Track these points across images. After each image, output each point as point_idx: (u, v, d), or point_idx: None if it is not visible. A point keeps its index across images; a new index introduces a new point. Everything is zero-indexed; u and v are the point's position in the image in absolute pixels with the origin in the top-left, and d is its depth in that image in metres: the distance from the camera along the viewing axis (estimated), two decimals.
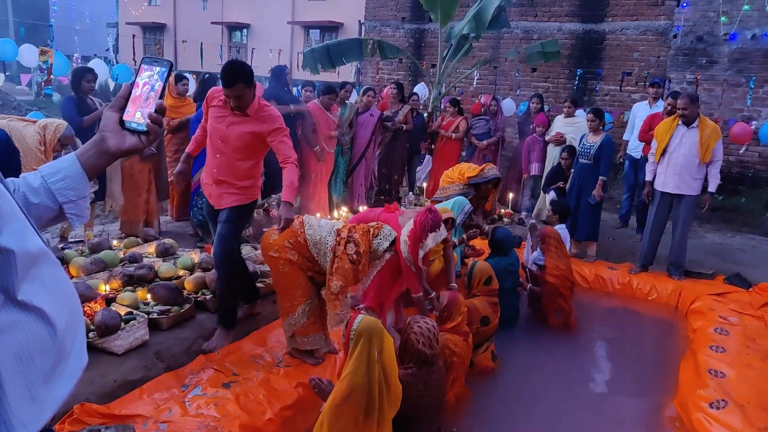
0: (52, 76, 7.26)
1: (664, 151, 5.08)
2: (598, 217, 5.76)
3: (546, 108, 8.00)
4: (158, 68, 1.18)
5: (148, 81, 1.18)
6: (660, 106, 6.17)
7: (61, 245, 4.70)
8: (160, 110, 1.16)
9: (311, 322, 3.28)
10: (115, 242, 4.46)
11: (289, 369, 3.25)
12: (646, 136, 5.91)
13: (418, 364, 2.68)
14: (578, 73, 10.12)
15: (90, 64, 6.78)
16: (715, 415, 3.02)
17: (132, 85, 1.17)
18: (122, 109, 1.15)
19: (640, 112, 6.61)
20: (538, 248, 4.68)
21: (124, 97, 1.16)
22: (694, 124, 4.93)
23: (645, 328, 4.84)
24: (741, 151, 8.24)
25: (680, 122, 4.99)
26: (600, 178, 5.52)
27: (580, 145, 5.79)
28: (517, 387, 3.59)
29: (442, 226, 3.51)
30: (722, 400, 3.14)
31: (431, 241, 3.43)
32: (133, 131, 1.15)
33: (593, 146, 5.60)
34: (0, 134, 2.21)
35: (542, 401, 3.43)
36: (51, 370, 0.95)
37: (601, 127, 5.74)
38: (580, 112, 7.24)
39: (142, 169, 5.16)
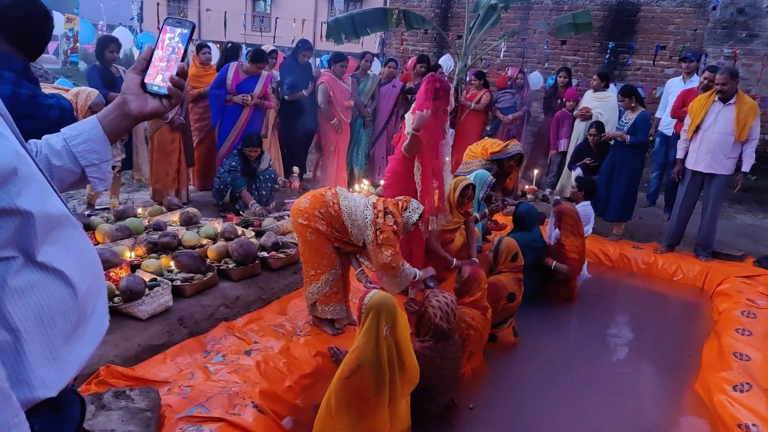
0: (78, 44, 7.29)
1: (698, 128, 4.91)
2: (633, 198, 5.62)
3: (575, 82, 7.79)
4: (180, 30, 1.16)
5: (170, 43, 1.15)
6: (695, 82, 5.95)
7: (88, 212, 4.78)
8: (182, 73, 1.13)
9: (333, 292, 3.30)
10: (140, 210, 4.51)
11: (309, 338, 3.29)
12: (679, 113, 5.72)
13: (435, 338, 2.69)
14: (610, 46, 9.79)
15: (114, 33, 6.80)
16: (738, 398, 2.97)
17: (154, 47, 1.15)
18: (144, 71, 1.13)
19: (674, 88, 6.40)
20: (552, 223, 4.63)
21: (146, 59, 1.13)
22: (732, 101, 4.74)
23: (668, 309, 4.76)
24: None
25: (717, 98, 4.80)
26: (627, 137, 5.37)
27: (619, 123, 5.65)
28: (536, 363, 3.58)
29: (451, 94, 3.80)
30: (746, 383, 3.08)
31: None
32: (154, 94, 1.13)
33: (628, 123, 5.46)
34: (66, 104, 2.22)
35: (561, 378, 3.41)
36: (72, 331, 0.96)
37: (633, 105, 5.52)
38: (612, 87, 7.03)
39: (173, 138, 5.21)
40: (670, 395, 3.37)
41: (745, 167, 4.88)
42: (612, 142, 5.67)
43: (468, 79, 7.85)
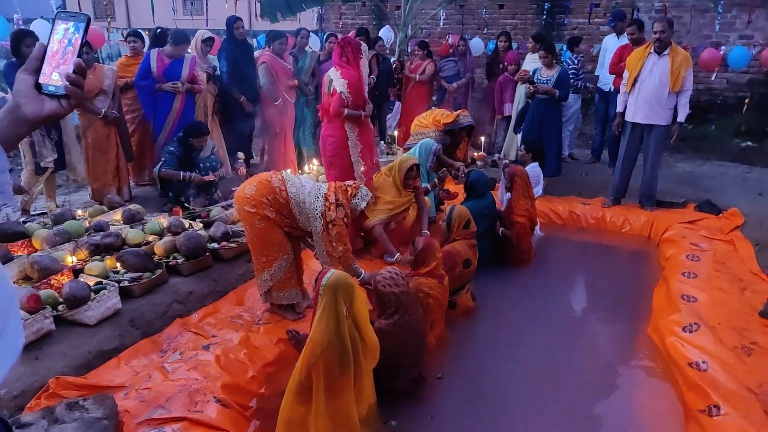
0: None
1: (635, 81, 5.03)
2: (560, 152, 6.03)
3: (515, 46, 7.83)
4: (74, 23, 1.05)
5: (64, 37, 1.04)
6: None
7: (23, 218, 4.52)
8: (79, 70, 1.03)
9: (287, 277, 3.24)
10: (79, 212, 4.31)
11: (269, 326, 3.23)
12: (616, 68, 5.85)
13: (396, 310, 2.68)
14: (546, 7, 9.88)
15: (32, 26, 6.36)
16: (688, 338, 3.11)
17: (47, 43, 1.04)
18: (37, 71, 1.02)
19: (610, 44, 6.51)
20: (504, 187, 4.69)
21: (38, 57, 1.02)
22: (666, 52, 4.87)
23: (619, 260, 4.93)
24: (712, 79, 8.22)
25: (652, 50, 4.92)
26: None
27: (535, 79, 5.75)
28: (498, 326, 3.64)
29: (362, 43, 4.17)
30: (695, 323, 3.22)
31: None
32: (51, 95, 1.03)
33: (550, 80, 5.61)
34: None
35: (522, 338, 3.49)
36: None
37: (554, 62, 5.78)
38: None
39: (108, 133, 4.97)
40: (625, 342, 3.50)
41: (681, 117, 5.04)
42: (530, 100, 5.90)
43: (411, 49, 7.78)
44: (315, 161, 5.84)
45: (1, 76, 5.64)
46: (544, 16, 9.92)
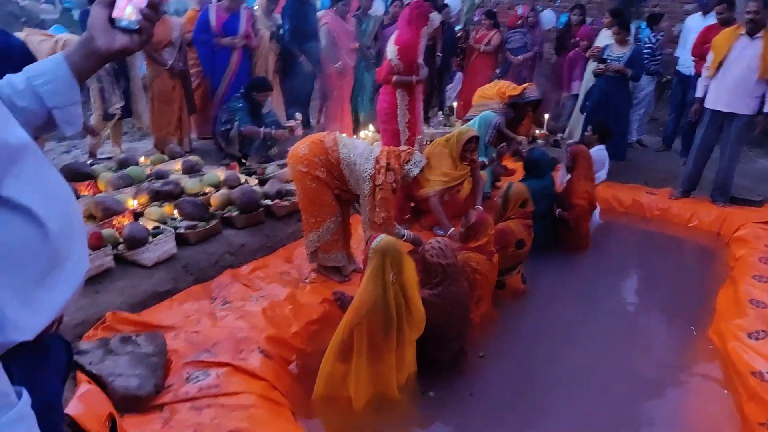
0: None
1: (720, 65, 4.66)
2: (627, 135, 5.78)
3: (589, 20, 7.44)
4: None
5: None
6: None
7: (90, 161, 4.71)
8: (152, 5, 1.01)
9: (334, 240, 3.25)
10: (142, 159, 4.43)
11: (315, 285, 3.26)
12: (700, 50, 5.44)
13: (441, 282, 2.63)
14: None
15: None
16: (753, 345, 2.89)
17: None
18: (111, 4, 1.01)
19: (694, 25, 6.07)
20: (565, 167, 4.49)
21: None
22: (759, 35, 4.48)
23: (683, 255, 4.66)
24: None
25: (743, 32, 4.53)
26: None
27: (604, 56, 5.45)
28: (547, 311, 3.53)
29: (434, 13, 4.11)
30: (762, 331, 3.01)
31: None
32: (123, 30, 1.01)
33: (621, 58, 5.33)
34: (16, 42, 2.10)
35: (572, 326, 3.35)
36: (44, 274, 0.88)
37: (628, 39, 5.48)
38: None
39: (174, 85, 5.07)
40: (682, 342, 3.32)
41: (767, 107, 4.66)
42: (594, 79, 5.66)
43: (477, 18, 7.52)
44: (371, 127, 5.78)
45: (78, 24, 5.82)
46: None
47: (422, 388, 2.59)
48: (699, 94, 4.93)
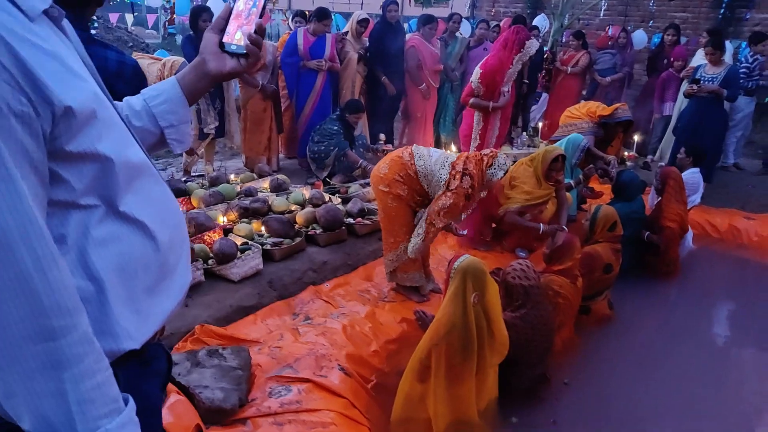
0: (174, 16, 7.58)
1: None
2: (718, 158, 5.68)
3: (683, 40, 7.08)
4: None
5: (248, 0, 1.10)
6: None
7: (184, 178, 5.01)
8: (260, 31, 1.08)
9: (412, 260, 3.24)
10: (232, 177, 4.66)
11: (394, 304, 3.26)
12: None
13: (523, 304, 2.56)
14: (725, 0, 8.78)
15: (209, 3, 6.99)
16: None
17: (232, 5, 1.10)
18: (222, 30, 1.09)
19: None
20: (655, 190, 4.25)
21: (224, 17, 1.09)
22: None
23: None
24: None
25: None
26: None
27: (697, 76, 5.17)
28: (632, 339, 3.35)
29: (532, 41, 3.94)
30: None
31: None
32: (232, 54, 1.09)
33: (716, 78, 5.02)
34: (130, 60, 2.29)
35: (659, 357, 3.18)
36: (154, 284, 0.94)
37: (723, 58, 5.27)
38: (728, 44, 6.30)
39: (266, 106, 5.30)
40: None
41: None
42: (687, 100, 5.44)
43: (565, 40, 7.36)
44: (453, 147, 5.76)
45: (180, 49, 6.27)
46: (722, 10, 8.82)
47: (504, 414, 2.51)
48: None
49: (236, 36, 1.08)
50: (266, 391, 2.43)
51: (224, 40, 1.09)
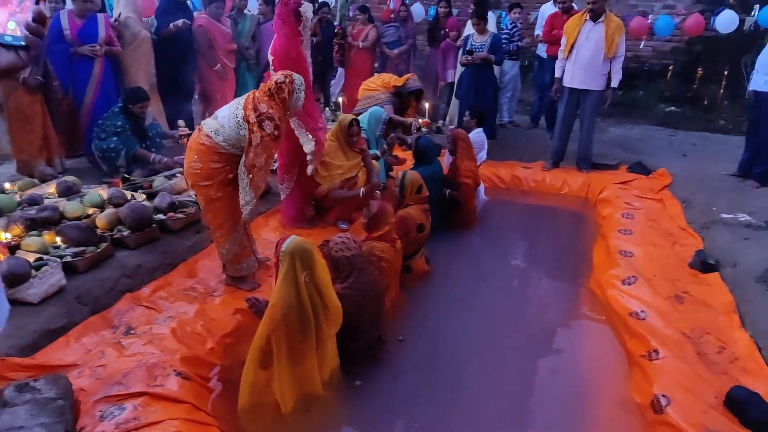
0: None
1: (572, 48, 5.20)
2: (494, 116, 6.39)
3: (455, 12, 7.85)
4: None
5: None
6: None
7: None
8: (39, 18, 0.97)
9: (242, 248, 3.21)
10: (7, 185, 4.00)
11: (225, 297, 3.19)
12: (549, 37, 6.05)
13: (350, 274, 2.71)
14: None
15: None
16: (627, 290, 3.33)
17: None
18: None
19: (548, 12, 6.66)
20: (447, 151, 4.77)
21: None
22: (601, 20, 5.04)
23: (559, 220, 5.17)
24: (640, 47, 8.59)
25: (587, 18, 5.08)
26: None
27: (468, 46, 5.86)
28: (450, 288, 3.75)
29: (305, 5, 3.65)
30: (632, 276, 3.46)
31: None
32: (8, 46, 0.96)
33: (483, 45, 5.80)
34: None
35: (474, 298, 3.62)
36: None
37: (487, 27, 6.00)
38: (490, 14, 7.16)
39: (33, 100, 4.54)
40: (569, 297, 3.71)
41: (614, 82, 5.27)
42: (464, 68, 6.08)
43: (352, 14, 7.63)
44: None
45: None
46: None
47: (347, 379, 2.67)
48: (557, 74, 5.46)
49: (9, 26, 0.96)
50: (96, 415, 2.23)
51: None
